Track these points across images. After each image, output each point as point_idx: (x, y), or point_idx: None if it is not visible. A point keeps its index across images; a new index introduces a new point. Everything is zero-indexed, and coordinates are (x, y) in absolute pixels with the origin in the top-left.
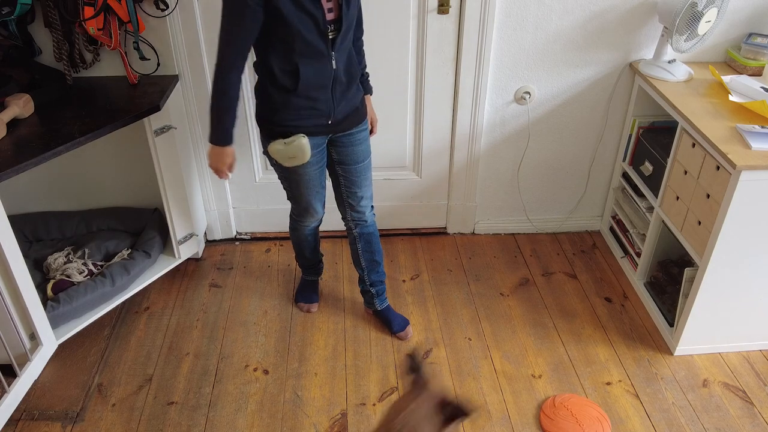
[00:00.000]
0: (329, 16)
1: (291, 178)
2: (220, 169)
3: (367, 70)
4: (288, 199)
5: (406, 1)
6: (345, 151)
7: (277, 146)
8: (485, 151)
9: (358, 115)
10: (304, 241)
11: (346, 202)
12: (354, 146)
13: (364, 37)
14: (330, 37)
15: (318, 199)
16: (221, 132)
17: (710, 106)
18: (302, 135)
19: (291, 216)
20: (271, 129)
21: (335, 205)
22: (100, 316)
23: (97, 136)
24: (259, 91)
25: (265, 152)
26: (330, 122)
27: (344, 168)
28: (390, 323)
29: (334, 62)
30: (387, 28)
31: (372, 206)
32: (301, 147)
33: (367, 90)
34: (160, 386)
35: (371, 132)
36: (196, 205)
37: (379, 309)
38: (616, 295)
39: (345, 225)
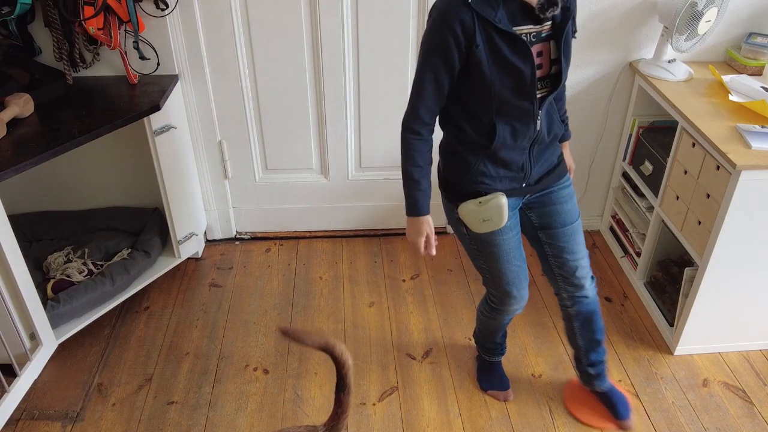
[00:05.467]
0: (538, 73)
1: (486, 252)
2: (414, 242)
3: (567, 114)
4: (484, 284)
5: (406, 1)
6: (547, 211)
7: (470, 206)
8: None
9: (557, 172)
10: (499, 328)
11: (558, 275)
12: (557, 205)
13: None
14: (538, 96)
15: (523, 277)
16: (407, 200)
17: (710, 105)
18: (501, 193)
19: (488, 302)
20: (460, 192)
21: (337, 205)
22: (100, 315)
23: (96, 135)
24: (445, 148)
25: (451, 221)
26: (524, 185)
27: (548, 233)
28: (614, 407)
29: (539, 122)
30: (387, 28)
31: (592, 276)
32: (499, 207)
33: (566, 136)
34: (160, 386)
35: None
36: (196, 204)
37: (600, 390)
38: (616, 294)
39: (559, 301)
